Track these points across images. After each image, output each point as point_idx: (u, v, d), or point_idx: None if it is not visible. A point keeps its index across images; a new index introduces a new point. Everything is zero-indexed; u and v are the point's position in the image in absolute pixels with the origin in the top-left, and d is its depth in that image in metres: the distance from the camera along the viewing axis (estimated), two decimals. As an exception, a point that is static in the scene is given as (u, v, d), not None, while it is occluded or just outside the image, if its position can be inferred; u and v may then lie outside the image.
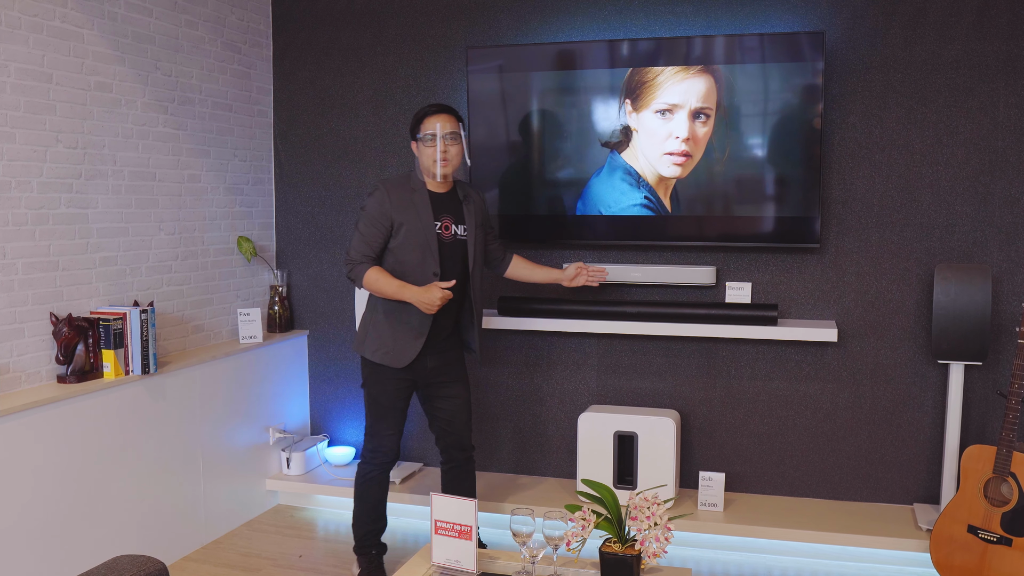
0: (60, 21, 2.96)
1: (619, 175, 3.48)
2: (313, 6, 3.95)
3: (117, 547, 3.00)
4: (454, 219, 2.97)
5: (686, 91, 3.36)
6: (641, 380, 3.66)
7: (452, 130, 2.88)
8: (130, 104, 3.26)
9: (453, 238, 2.96)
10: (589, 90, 3.47)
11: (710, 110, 3.35)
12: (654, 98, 3.40)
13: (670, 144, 3.40)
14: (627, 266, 3.55)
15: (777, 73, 3.28)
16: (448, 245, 2.95)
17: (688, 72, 3.35)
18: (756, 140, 3.33)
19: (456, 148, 2.91)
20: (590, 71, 3.47)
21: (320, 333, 4.07)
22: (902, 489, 3.43)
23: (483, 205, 3.11)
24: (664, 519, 2.28)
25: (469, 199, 3.03)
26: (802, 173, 3.29)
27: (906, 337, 3.39)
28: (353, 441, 4.06)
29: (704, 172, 3.39)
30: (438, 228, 2.93)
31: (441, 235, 2.94)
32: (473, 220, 3.01)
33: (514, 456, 3.85)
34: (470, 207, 3.01)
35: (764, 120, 3.32)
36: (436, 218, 2.93)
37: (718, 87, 3.33)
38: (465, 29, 3.74)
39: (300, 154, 4.03)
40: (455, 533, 2.44)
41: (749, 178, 3.36)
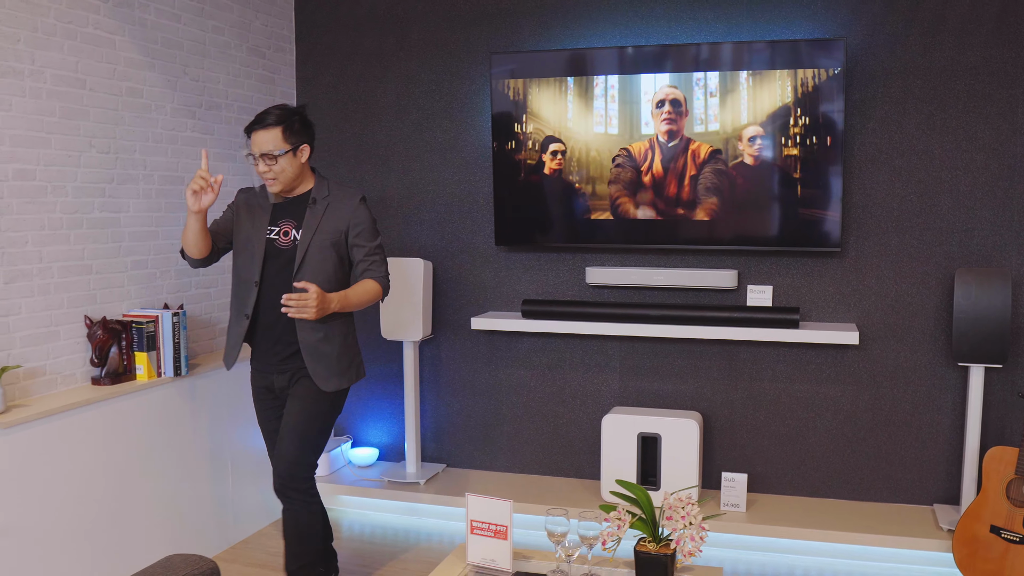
0: (93, 28, 3.00)
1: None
2: (336, 11, 3.99)
3: (149, 546, 3.03)
4: (296, 224, 2.74)
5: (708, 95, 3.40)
6: (663, 382, 3.70)
7: (267, 150, 2.64)
8: (160, 109, 3.30)
9: (291, 245, 2.72)
10: (614, 95, 3.51)
11: (732, 115, 3.39)
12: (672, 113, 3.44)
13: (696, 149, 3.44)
14: (649, 269, 3.59)
15: (798, 79, 3.32)
16: (282, 252, 2.72)
17: (713, 77, 3.39)
18: (780, 146, 3.37)
19: (278, 166, 2.66)
20: (615, 76, 3.51)
21: (342, 335, 4.10)
22: (922, 490, 3.48)
23: (351, 212, 2.74)
24: (698, 519, 2.32)
25: (322, 203, 2.75)
26: (823, 178, 3.34)
27: (925, 340, 3.43)
28: (376, 442, 4.10)
29: (725, 176, 3.43)
30: (274, 234, 2.74)
31: (277, 241, 2.73)
32: (315, 225, 2.71)
33: (537, 457, 3.89)
34: (317, 211, 2.73)
35: (786, 125, 3.36)
36: (274, 223, 2.75)
37: (740, 92, 3.37)
38: (487, 35, 3.78)
39: (323, 158, 4.07)
40: (491, 533, 2.48)
41: (770, 183, 3.40)
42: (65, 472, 2.73)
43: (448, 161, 3.89)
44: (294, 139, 2.68)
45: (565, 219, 3.62)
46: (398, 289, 3.70)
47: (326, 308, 2.61)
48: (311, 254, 2.70)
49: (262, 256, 2.72)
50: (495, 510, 2.46)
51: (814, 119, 3.32)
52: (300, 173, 2.74)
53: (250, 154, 2.70)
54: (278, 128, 2.66)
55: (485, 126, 3.80)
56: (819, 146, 3.33)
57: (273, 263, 2.72)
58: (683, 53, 3.43)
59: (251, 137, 2.68)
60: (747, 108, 3.38)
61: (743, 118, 3.39)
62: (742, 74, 3.37)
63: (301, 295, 2.56)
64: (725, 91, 3.40)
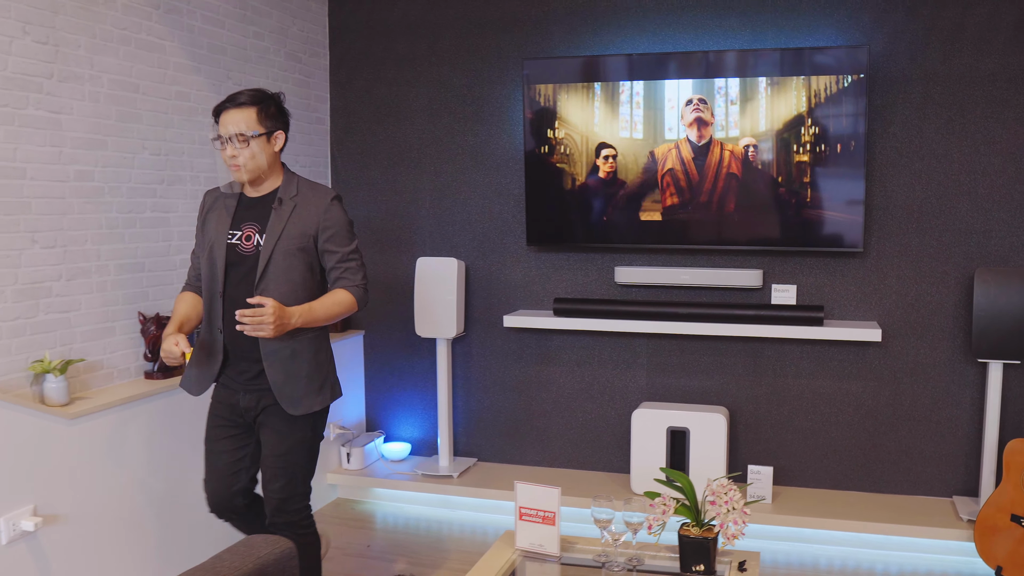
0: (146, 34, 3.11)
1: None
2: (369, 18, 4.10)
3: (198, 537, 3.13)
4: (260, 227, 2.46)
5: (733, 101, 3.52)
6: (689, 378, 3.82)
7: (238, 131, 2.39)
8: (205, 113, 3.41)
9: (254, 250, 2.44)
10: (639, 100, 3.63)
11: (757, 119, 3.51)
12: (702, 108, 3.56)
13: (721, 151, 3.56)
14: (677, 269, 3.70)
15: (822, 85, 3.44)
16: (245, 259, 2.45)
17: (739, 83, 3.51)
18: (803, 149, 3.49)
19: (249, 150, 2.41)
20: (646, 82, 3.62)
21: (375, 333, 4.21)
22: (941, 482, 3.59)
23: (321, 213, 2.47)
24: (740, 504, 2.43)
25: (289, 203, 2.47)
26: (846, 181, 3.46)
27: (945, 337, 3.55)
28: (408, 437, 4.21)
29: (750, 179, 3.55)
30: (236, 238, 2.46)
31: (239, 247, 2.46)
32: (280, 228, 2.43)
33: (566, 451, 4.00)
34: (283, 212, 2.45)
35: (810, 129, 3.48)
36: (236, 226, 2.47)
37: (766, 97, 3.49)
38: (519, 41, 3.90)
39: (356, 160, 4.18)
40: (539, 519, 2.59)
41: (794, 185, 3.52)
42: (123, 462, 2.84)
43: (479, 163, 4.00)
44: (269, 123, 2.44)
45: (594, 220, 3.74)
46: (433, 287, 3.81)
47: (285, 324, 2.32)
48: (275, 261, 2.42)
49: (223, 264, 2.45)
50: (544, 497, 2.57)
51: (837, 124, 3.44)
52: (271, 165, 2.47)
53: (218, 137, 2.44)
54: (253, 108, 2.42)
55: (516, 129, 3.91)
56: (842, 150, 3.45)
57: (235, 271, 2.45)
58: (710, 59, 3.55)
59: (220, 118, 2.43)
60: (772, 112, 3.50)
61: (768, 122, 3.50)
62: (768, 79, 3.49)
63: (256, 311, 2.27)
64: (750, 96, 3.52)
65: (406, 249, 4.13)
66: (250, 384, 2.49)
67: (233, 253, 2.46)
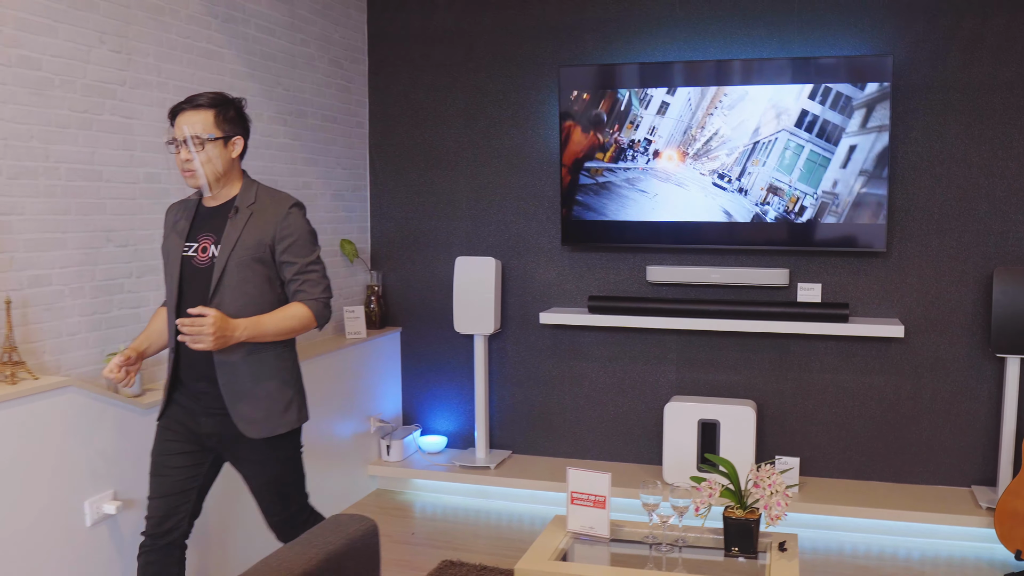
0: (206, 43, 3.26)
1: (701, 183, 3.79)
2: (407, 25, 4.25)
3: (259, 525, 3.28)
4: (215, 238, 2.34)
5: (760, 108, 3.68)
6: (718, 373, 3.97)
7: (194, 133, 2.27)
8: (258, 117, 3.56)
9: (210, 262, 2.32)
10: (675, 105, 3.79)
11: (784, 125, 3.67)
12: (732, 115, 3.72)
13: (738, 139, 3.72)
14: (706, 268, 3.86)
15: (847, 92, 3.60)
16: (201, 272, 2.33)
17: (764, 90, 3.67)
18: (828, 154, 3.65)
19: (204, 155, 2.28)
20: (673, 88, 3.78)
21: (411, 330, 4.36)
22: (960, 473, 3.75)
23: (279, 221, 2.33)
24: (783, 487, 2.59)
25: (245, 212, 2.33)
26: (870, 184, 3.61)
27: (963, 334, 3.71)
28: (444, 430, 4.36)
29: (779, 182, 3.71)
30: (192, 250, 2.35)
31: (195, 259, 2.34)
32: (235, 238, 2.30)
33: (598, 444, 4.15)
34: (239, 221, 2.32)
35: (836, 135, 3.64)
36: (193, 238, 2.36)
37: (792, 104, 3.65)
38: (553, 48, 4.05)
39: (393, 163, 4.33)
40: (590, 503, 2.74)
41: (821, 188, 3.67)
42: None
43: (514, 166, 4.15)
44: (227, 127, 2.32)
45: (628, 221, 3.89)
46: (471, 286, 3.96)
47: (227, 338, 2.19)
48: (230, 272, 2.29)
49: (178, 277, 2.34)
50: (595, 482, 2.72)
51: (862, 129, 3.60)
52: (228, 171, 2.35)
53: (172, 140, 2.31)
54: (211, 111, 2.29)
55: (551, 133, 4.07)
56: (866, 154, 3.60)
57: (190, 286, 2.33)
58: (738, 67, 3.71)
59: (176, 120, 2.30)
60: (800, 119, 3.66)
61: (795, 128, 3.66)
62: (795, 87, 3.65)
63: (194, 320, 2.14)
64: (777, 103, 3.67)
65: (443, 249, 4.28)
66: (210, 408, 2.34)
67: (189, 266, 2.34)
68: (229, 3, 3.36)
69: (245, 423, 2.31)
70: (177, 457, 2.39)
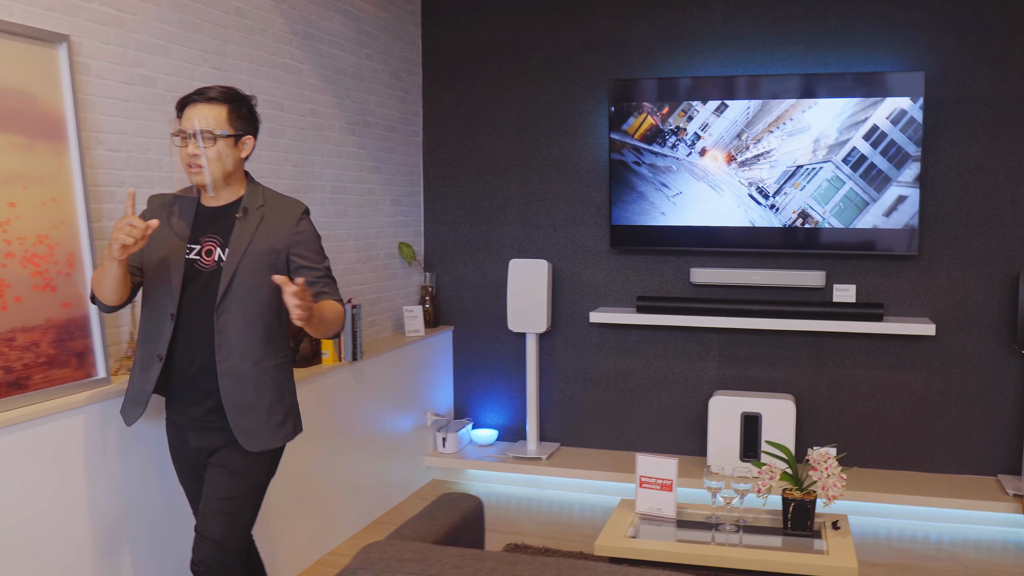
0: (288, 59, 3.49)
1: (738, 192, 4.03)
2: (460, 39, 4.49)
3: (339, 511, 3.50)
4: (221, 240, 2.19)
5: (804, 121, 3.92)
6: (757, 369, 4.21)
7: (205, 127, 2.12)
8: (331, 127, 3.79)
9: (215, 266, 2.18)
10: (723, 117, 4.03)
11: (832, 157, 3.91)
12: (778, 126, 3.96)
13: (786, 160, 3.96)
14: (747, 270, 4.10)
15: (882, 106, 3.84)
16: (205, 276, 2.17)
17: (804, 104, 3.92)
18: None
19: (214, 151, 2.14)
20: (715, 102, 4.02)
21: (463, 328, 4.60)
22: (987, 462, 3.99)
23: (292, 227, 2.22)
24: (838, 470, 2.82)
25: (255, 215, 2.20)
26: (903, 192, 3.86)
27: (990, 332, 3.95)
28: (494, 424, 4.59)
29: (819, 190, 3.95)
30: (194, 253, 2.18)
31: (199, 262, 2.18)
32: (247, 242, 2.17)
33: (643, 436, 4.38)
34: (249, 224, 2.19)
35: (872, 145, 3.88)
36: (195, 239, 2.19)
37: (831, 117, 3.89)
38: (601, 62, 4.29)
39: (446, 169, 4.56)
40: (657, 486, 2.97)
41: (856, 195, 3.92)
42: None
43: (563, 173, 4.39)
44: (239, 125, 2.19)
45: (673, 225, 4.13)
46: (524, 286, 4.19)
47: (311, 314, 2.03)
48: (240, 278, 2.16)
49: (180, 281, 2.16)
50: (662, 467, 2.96)
51: (897, 140, 3.84)
52: (235, 171, 2.21)
53: (179, 133, 2.15)
54: (224, 106, 2.16)
55: (599, 142, 4.30)
56: (900, 164, 3.85)
57: (191, 290, 2.17)
58: (777, 82, 3.95)
59: (184, 112, 2.16)
60: (837, 131, 3.90)
61: (833, 140, 3.90)
62: (832, 100, 3.89)
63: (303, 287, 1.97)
64: (816, 115, 3.91)
65: (494, 252, 4.51)
66: (202, 421, 2.21)
67: (191, 270, 2.17)
68: (307, 21, 3.59)
69: (245, 435, 2.18)
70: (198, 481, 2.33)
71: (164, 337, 2.16)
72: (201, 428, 2.22)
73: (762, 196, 4.00)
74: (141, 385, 2.21)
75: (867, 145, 3.87)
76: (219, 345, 2.15)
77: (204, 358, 2.16)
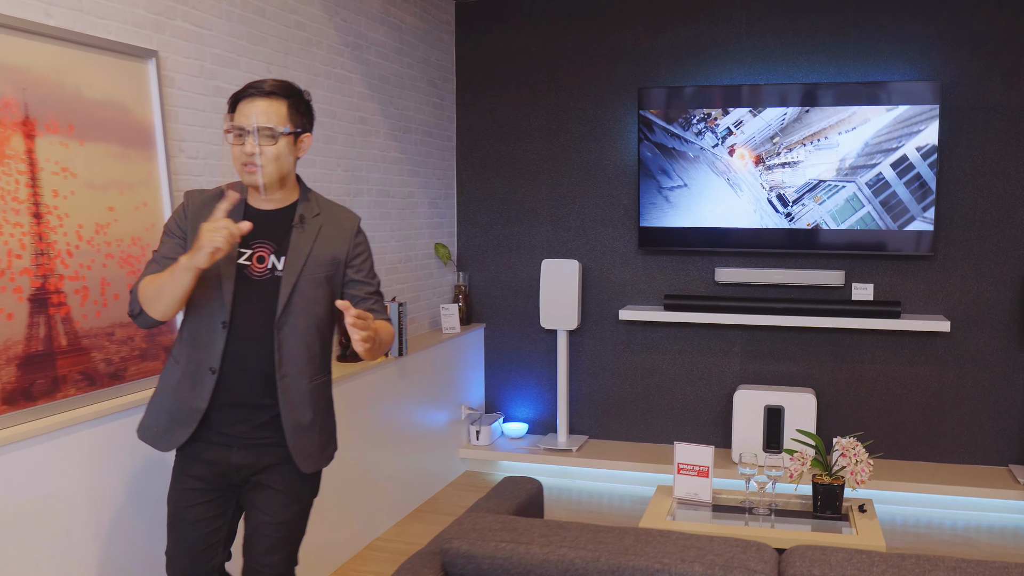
0: (340, 68, 3.68)
1: (757, 195, 4.23)
2: (492, 48, 4.68)
3: (383, 500, 3.69)
4: (275, 248, 2.03)
5: (837, 138, 4.12)
6: (778, 364, 4.41)
7: (267, 123, 1.96)
8: (376, 134, 3.98)
9: (269, 275, 2.03)
10: (759, 118, 4.22)
11: (857, 179, 4.11)
12: (813, 141, 4.16)
13: (811, 172, 4.16)
14: (769, 270, 4.30)
15: (900, 113, 4.04)
16: (257, 284, 2.02)
17: (826, 112, 4.11)
18: (888, 190, 4.09)
19: (274, 150, 1.98)
20: (739, 109, 4.22)
21: (494, 326, 4.79)
22: (998, 452, 4.19)
23: (348, 234, 2.11)
24: (865, 456, 3.02)
25: (313, 223, 2.07)
26: (920, 195, 4.05)
27: (1002, 329, 4.15)
28: (524, 418, 4.79)
29: (836, 207, 4.15)
30: (245, 258, 2.02)
31: (250, 269, 2.02)
32: (307, 251, 2.04)
33: (668, 429, 4.58)
34: (308, 233, 2.05)
35: (890, 151, 4.08)
36: (246, 245, 2.02)
37: (853, 123, 4.09)
38: (629, 70, 4.48)
39: (479, 173, 4.75)
40: (694, 472, 3.16)
41: (875, 199, 4.11)
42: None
43: (593, 177, 4.58)
44: (299, 121, 2.04)
45: (699, 227, 4.32)
46: (556, 285, 4.38)
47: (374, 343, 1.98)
48: (301, 290, 2.03)
49: (232, 288, 2.00)
50: (699, 454, 3.15)
51: (913, 146, 4.04)
52: (291, 173, 2.07)
53: (235, 129, 1.99)
54: (284, 101, 2.00)
55: (627, 147, 4.50)
56: (917, 169, 4.05)
57: (243, 298, 2.01)
58: (800, 91, 4.15)
59: (240, 107, 1.99)
60: (867, 153, 4.10)
61: (861, 162, 4.10)
62: (852, 108, 4.09)
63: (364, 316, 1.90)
64: (837, 122, 4.11)
65: (525, 252, 4.71)
66: (251, 436, 2.04)
67: (242, 276, 2.02)
68: (356, 33, 3.78)
69: (303, 457, 2.06)
70: (199, 508, 2.07)
71: (216, 348, 2.00)
72: (250, 445, 2.05)
73: (781, 203, 4.20)
74: (190, 401, 2.01)
75: (893, 173, 4.07)
76: (280, 360, 2.01)
77: (259, 372, 2.01)
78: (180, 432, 2.03)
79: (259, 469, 2.06)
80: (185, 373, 2.03)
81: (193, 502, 2.06)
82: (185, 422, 2.02)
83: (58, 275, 2.28)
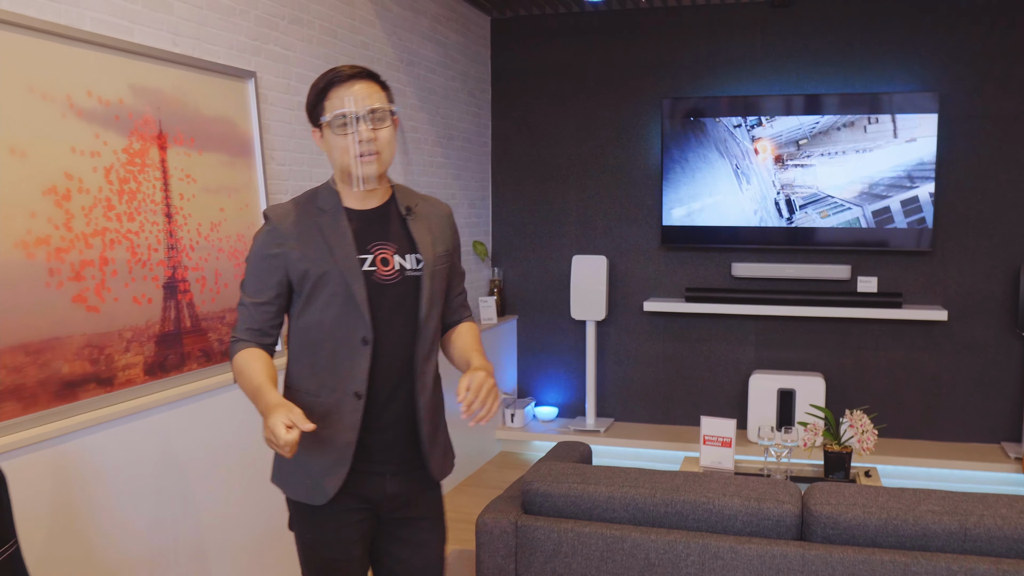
0: (396, 83, 4.07)
1: (765, 192, 4.62)
2: (525, 61, 5.07)
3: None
4: (396, 247, 1.83)
5: (832, 136, 4.52)
6: (790, 351, 4.80)
7: (378, 104, 1.76)
8: (425, 141, 4.37)
9: (398, 276, 1.82)
10: (765, 131, 4.62)
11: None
12: (816, 141, 4.55)
13: (824, 178, 4.55)
14: (781, 264, 4.69)
15: (902, 121, 4.43)
16: (389, 289, 1.81)
17: (834, 120, 4.51)
18: (890, 172, 4.48)
19: (387, 132, 1.78)
20: (755, 117, 4.61)
21: (526, 317, 5.19)
22: (991, 431, 4.59)
23: (449, 221, 1.95)
24: (870, 425, 3.41)
25: (419, 213, 1.88)
26: (920, 196, 4.45)
27: (994, 318, 4.54)
28: (554, 402, 5.18)
29: (842, 214, 4.54)
30: (369, 264, 1.80)
31: (376, 274, 1.80)
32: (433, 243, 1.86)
33: (687, 411, 4.97)
34: (421, 223, 1.86)
35: (894, 156, 4.47)
36: (364, 250, 1.80)
37: (860, 130, 4.49)
38: (652, 81, 4.88)
39: (512, 176, 5.15)
40: (718, 443, 3.56)
41: (878, 199, 4.51)
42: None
43: (618, 180, 4.98)
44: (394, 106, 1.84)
45: (716, 226, 4.72)
46: (586, 279, 4.78)
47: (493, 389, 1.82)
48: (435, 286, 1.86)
49: (367, 299, 1.78)
50: (722, 427, 3.54)
51: (915, 151, 4.43)
52: None
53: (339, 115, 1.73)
54: (376, 83, 1.81)
55: (651, 152, 4.89)
56: (918, 171, 4.44)
57: (380, 308, 1.80)
58: (811, 101, 4.54)
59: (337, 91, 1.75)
60: (865, 142, 4.49)
61: (861, 149, 4.50)
62: (857, 116, 4.48)
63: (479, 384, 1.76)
64: (844, 130, 4.51)
65: (555, 249, 5.10)
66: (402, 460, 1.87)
67: (372, 285, 1.79)
68: (409, 51, 4.18)
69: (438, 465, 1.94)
70: (358, 545, 1.87)
71: (360, 368, 1.78)
72: (401, 470, 1.87)
73: (788, 208, 4.59)
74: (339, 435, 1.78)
75: (900, 211, 4.46)
76: (420, 372, 1.84)
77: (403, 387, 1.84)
78: (336, 472, 1.79)
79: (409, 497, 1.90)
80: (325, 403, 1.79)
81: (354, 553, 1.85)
82: (338, 461, 1.79)
83: (184, 266, 2.68)
